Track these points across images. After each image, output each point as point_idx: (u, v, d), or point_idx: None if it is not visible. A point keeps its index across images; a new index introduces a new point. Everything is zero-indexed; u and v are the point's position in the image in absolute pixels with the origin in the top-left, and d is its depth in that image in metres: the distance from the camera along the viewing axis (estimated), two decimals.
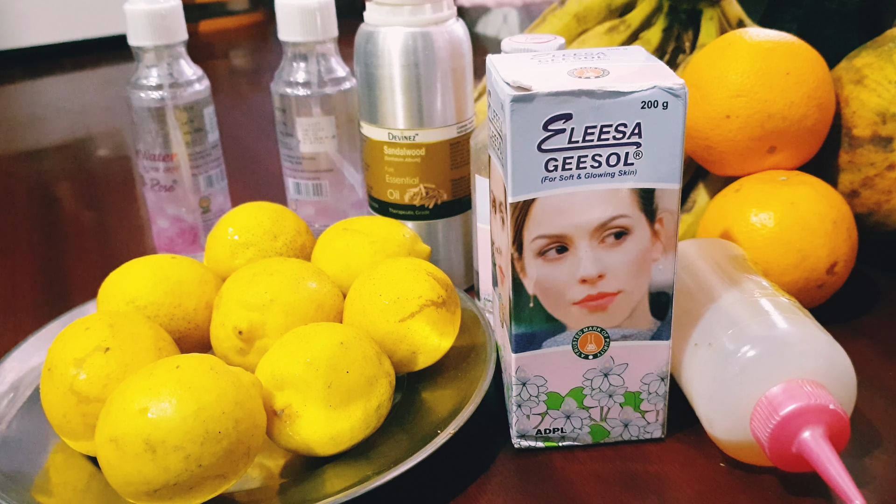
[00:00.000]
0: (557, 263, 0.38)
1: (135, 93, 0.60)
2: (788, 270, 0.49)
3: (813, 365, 0.37)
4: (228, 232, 0.51)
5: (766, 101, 0.50)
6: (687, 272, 0.45)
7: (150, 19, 0.58)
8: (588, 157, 0.37)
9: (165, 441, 0.34)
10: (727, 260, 0.45)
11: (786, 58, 0.51)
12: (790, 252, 0.48)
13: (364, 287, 0.45)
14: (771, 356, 0.37)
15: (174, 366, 0.36)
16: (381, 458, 0.39)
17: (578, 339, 0.40)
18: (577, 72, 0.37)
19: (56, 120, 1.10)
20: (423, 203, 0.55)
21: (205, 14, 1.64)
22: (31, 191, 0.85)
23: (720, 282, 0.43)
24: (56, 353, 0.40)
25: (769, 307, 0.40)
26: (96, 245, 0.71)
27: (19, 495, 0.38)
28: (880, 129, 0.52)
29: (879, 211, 0.54)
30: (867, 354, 0.49)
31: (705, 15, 0.63)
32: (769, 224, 0.49)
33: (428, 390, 0.45)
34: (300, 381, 0.39)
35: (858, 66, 0.54)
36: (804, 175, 0.52)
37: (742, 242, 0.49)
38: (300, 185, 0.62)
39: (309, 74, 0.59)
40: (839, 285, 0.51)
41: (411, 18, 0.51)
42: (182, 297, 0.46)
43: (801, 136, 0.52)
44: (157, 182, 0.61)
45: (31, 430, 0.43)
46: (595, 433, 0.42)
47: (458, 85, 0.53)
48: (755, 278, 0.43)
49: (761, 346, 0.38)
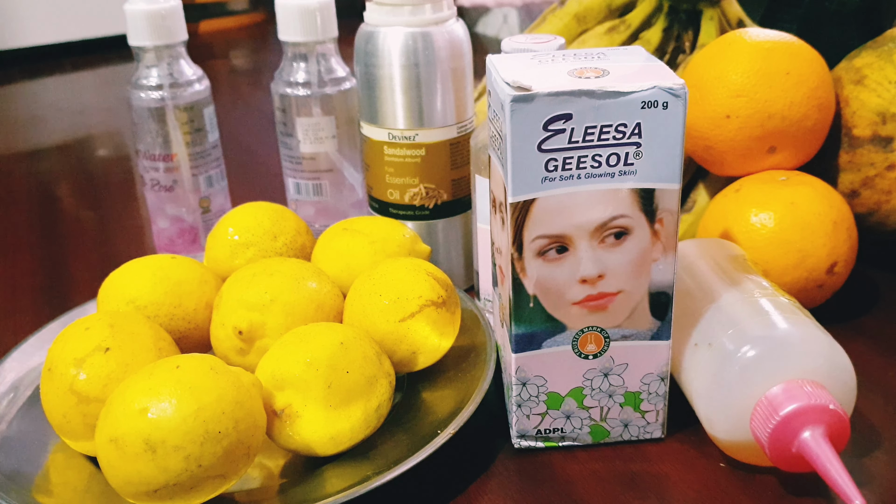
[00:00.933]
0: (557, 263, 0.38)
1: (135, 93, 0.60)
2: (788, 270, 0.49)
3: (813, 365, 0.37)
4: (228, 232, 0.51)
5: (766, 101, 0.50)
6: (687, 272, 0.45)
7: (150, 19, 0.58)
8: (588, 157, 0.37)
9: (165, 441, 0.34)
10: (727, 260, 0.45)
11: (786, 58, 0.51)
12: (790, 252, 0.48)
13: (364, 287, 0.45)
14: (771, 356, 0.37)
15: (174, 366, 0.36)
16: (381, 458, 0.39)
17: (578, 339, 0.40)
18: (577, 72, 0.37)
19: (56, 120, 1.10)
20: (423, 203, 0.55)
21: (205, 14, 1.64)
22: (31, 191, 0.85)
23: (720, 282, 0.43)
24: (56, 353, 0.40)
25: (769, 307, 0.40)
26: (96, 245, 0.71)
27: (19, 495, 0.38)
28: (880, 129, 0.52)
29: (879, 211, 0.54)
30: (867, 354, 0.49)
31: (705, 15, 0.63)
32: (769, 224, 0.49)
33: (428, 390, 0.45)
34: (300, 381, 0.39)
35: (858, 66, 0.54)
36: (804, 175, 0.52)
37: (742, 242, 0.49)
38: (300, 185, 0.62)
39: (309, 74, 0.59)
40: (839, 285, 0.51)
41: (411, 18, 0.51)
42: (182, 297, 0.46)
43: (801, 136, 0.52)
44: (157, 182, 0.61)
45: (31, 430, 0.43)
46: (595, 433, 0.42)
47: (458, 85, 0.53)
48: (755, 278, 0.43)
49: (761, 346, 0.38)
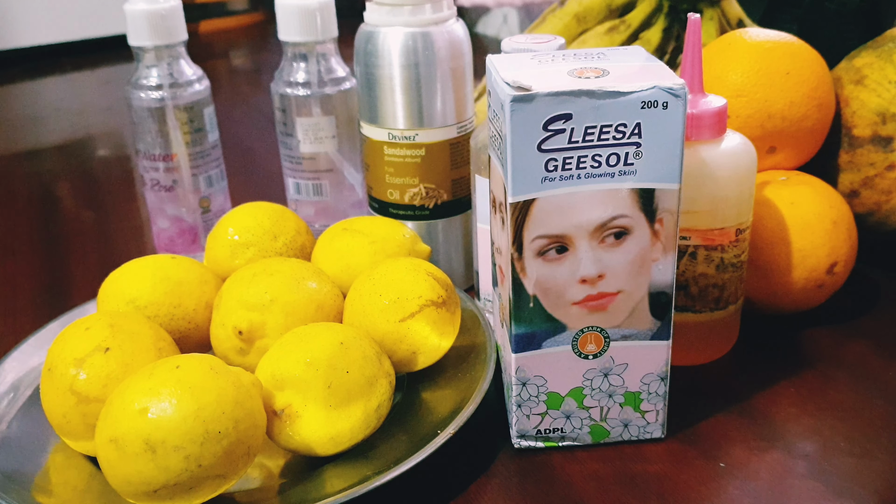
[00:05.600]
0: (557, 263, 0.38)
1: (135, 93, 0.60)
2: (788, 270, 0.49)
3: None
4: (228, 232, 0.51)
5: (766, 101, 0.50)
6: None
7: (150, 19, 0.58)
8: (588, 157, 0.37)
9: (165, 441, 0.34)
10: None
11: (786, 58, 0.51)
12: (790, 252, 0.48)
13: (364, 287, 0.45)
14: None
15: (174, 366, 0.36)
16: (381, 458, 0.39)
17: (578, 339, 0.40)
18: (577, 72, 0.37)
19: (56, 120, 1.10)
20: (423, 203, 0.55)
21: (205, 14, 1.64)
22: (31, 191, 0.85)
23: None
24: (56, 353, 0.40)
25: None
26: (96, 245, 0.71)
27: (19, 495, 0.38)
28: (880, 129, 0.52)
29: (879, 211, 0.54)
30: (867, 354, 0.49)
31: (705, 15, 0.63)
32: (769, 224, 0.49)
33: (428, 390, 0.45)
34: (300, 381, 0.39)
35: (858, 66, 0.54)
36: (804, 175, 0.52)
37: None
38: (300, 185, 0.62)
39: (309, 74, 0.59)
40: (839, 285, 0.51)
41: (411, 18, 0.51)
42: (182, 297, 0.46)
43: (801, 136, 0.52)
44: (157, 182, 0.61)
45: (31, 430, 0.43)
46: (595, 433, 0.42)
47: (458, 85, 0.53)
48: None
49: None
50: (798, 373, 0.48)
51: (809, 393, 0.46)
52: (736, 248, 0.46)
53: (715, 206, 0.44)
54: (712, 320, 0.47)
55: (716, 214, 0.44)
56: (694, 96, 0.45)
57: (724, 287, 0.46)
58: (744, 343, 0.50)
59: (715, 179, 0.44)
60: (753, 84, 0.50)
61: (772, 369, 0.48)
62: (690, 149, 0.44)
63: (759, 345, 0.50)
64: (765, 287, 0.50)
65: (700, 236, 0.45)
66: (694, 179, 0.43)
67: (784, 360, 0.49)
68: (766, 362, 0.49)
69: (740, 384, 0.47)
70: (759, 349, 0.50)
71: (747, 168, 0.45)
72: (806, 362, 0.49)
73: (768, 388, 0.47)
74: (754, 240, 0.49)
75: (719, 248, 0.45)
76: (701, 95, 0.45)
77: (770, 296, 0.50)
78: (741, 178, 0.44)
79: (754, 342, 0.50)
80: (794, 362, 0.49)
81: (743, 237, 0.46)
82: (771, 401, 0.45)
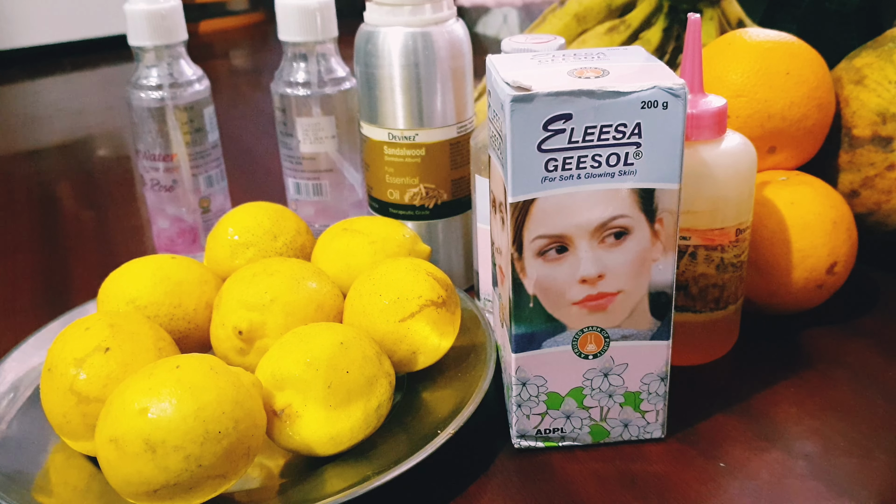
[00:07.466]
0: (557, 263, 0.38)
1: (135, 93, 0.60)
2: (788, 270, 0.49)
3: None
4: (228, 232, 0.51)
5: (766, 101, 0.50)
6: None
7: (150, 19, 0.58)
8: (588, 157, 0.37)
9: (165, 441, 0.34)
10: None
11: (786, 58, 0.51)
12: (790, 252, 0.48)
13: (364, 287, 0.45)
14: None
15: (174, 366, 0.36)
16: (381, 458, 0.39)
17: (578, 339, 0.40)
18: (577, 72, 0.37)
19: (56, 120, 1.10)
20: (423, 203, 0.55)
21: (205, 14, 1.64)
22: (31, 191, 0.85)
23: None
24: (56, 353, 0.40)
25: None
26: (96, 245, 0.71)
27: (19, 495, 0.38)
28: (880, 129, 0.52)
29: (879, 211, 0.54)
30: (867, 354, 0.49)
31: (705, 15, 0.63)
32: (769, 224, 0.49)
33: (428, 390, 0.45)
34: (300, 381, 0.39)
35: (858, 66, 0.54)
36: (804, 175, 0.52)
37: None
38: (300, 185, 0.62)
39: (309, 74, 0.59)
40: (839, 285, 0.51)
41: (411, 18, 0.51)
42: (182, 297, 0.46)
43: (801, 136, 0.52)
44: (157, 182, 0.61)
45: (31, 430, 0.43)
46: (595, 433, 0.42)
47: (458, 85, 0.53)
48: None
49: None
50: (798, 373, 0.48)
51: (809, 393, 0.46)
52: (736, 248, 0.46)
53: (715, 206, 0.44)
54: (712, 320, 0.47)
55: (716, 214, 0.44)
56: (694, 96, 0.45)
57: (724, 287, 0.46)
58: (744, 343, 0.50)
59: (715, 179, 0.44)
60: (753, 84, 0.50)
61: (772, 369, 0.48)
62: (690, 149, 0.44)
63: (759, 345, 0.50)
64: (765, 287, 0.50)
65: (700, 236, 0.45)
66: (694, 179, 0.43)
67: (784, 360, 0.49)
68: (766, 362, 0.49)
69: (740, 384, 0.47)
70: (759, 349, 0.50)
71: (747, 168, 0.45)
72: (806, 362, 0.49)
73: (768, 388, 0.47)
74: (754, 240, 0.49)
75: (719, 248, 0.45)
76: (701, 95, 0.45)
77: (770, 296, 0.50)
78: (741, 178, 0.44)
79: (754, 342, 0.50)
80: (794, 362, 0.49)
81: (743, 237, 0.46)
82: (771, 401, 0.45)
